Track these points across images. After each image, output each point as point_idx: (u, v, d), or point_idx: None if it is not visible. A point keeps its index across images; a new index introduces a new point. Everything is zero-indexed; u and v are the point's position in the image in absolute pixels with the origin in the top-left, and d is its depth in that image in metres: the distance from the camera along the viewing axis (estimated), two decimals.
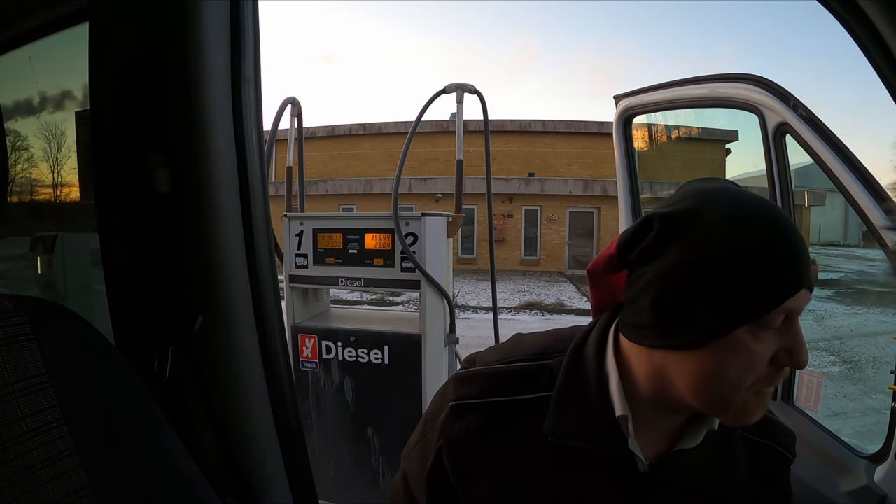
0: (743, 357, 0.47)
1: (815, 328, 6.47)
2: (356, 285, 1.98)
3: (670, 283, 0.48)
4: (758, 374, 0.47)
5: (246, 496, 0.59)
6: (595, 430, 0.54)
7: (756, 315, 0.46)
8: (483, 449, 0.57)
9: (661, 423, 0.55)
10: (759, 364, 0.47)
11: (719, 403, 0.49)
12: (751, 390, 0.48)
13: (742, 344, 0.47)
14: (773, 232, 0.47)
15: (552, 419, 0.55)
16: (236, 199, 0.59)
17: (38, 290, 1.17)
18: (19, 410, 0.42)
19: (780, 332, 0.47)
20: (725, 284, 0.46)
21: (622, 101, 1.79)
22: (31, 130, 1.17)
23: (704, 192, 0.51)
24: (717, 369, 0.48)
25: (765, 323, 0.46)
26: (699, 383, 0.49)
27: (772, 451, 0.59)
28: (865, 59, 0.66)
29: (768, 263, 0.46)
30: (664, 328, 0.49)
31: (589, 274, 0.58)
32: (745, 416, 0.50)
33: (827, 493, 1.05)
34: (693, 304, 0.47)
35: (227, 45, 0.57)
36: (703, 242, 0.47)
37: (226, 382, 0.59)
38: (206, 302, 0.57)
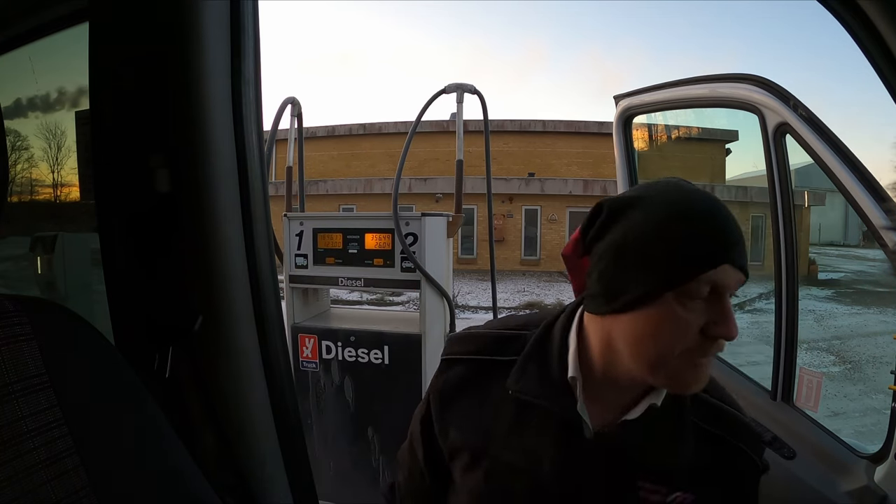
0: (671, 322, 0.53)
1: (815, 328, 6.47)
2: (356, 285, 1.98)
3: (612, 255, 0.56)
4: (687, 341, 0.53)
5: (246, 496, 0.59)
6: (550, 390, 0.61)
7: (678, 281, 0.53)
8: (461, 399, 0.66)
9: (612, 397, 0.61)
10: (687, 331, 0.53)
11: (653, 365, 0.55)
12: (683, 358, 0.54)
13: (670, 310, 0.53)
14: (698, 213, 0.54)
15: (515, 377, 0.63)
16: (236, 199, 0.58)
17: (38, 290, 1.17)
18: (19, 410, 0.42)
19: (708, 304, 0.53)
20: (652, 254, 0.53)
21: (622, 101, 1.79)
22: (31, 130, 1.17)
23: (651, 184, 0.60)
24: (649, 331, 0.54)
25: (690, 292, 0.53)
26: (635, 343, 0.56)
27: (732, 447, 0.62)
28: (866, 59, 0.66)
29: (689, 238, 0.53)
30: (607, 295, 0.57)
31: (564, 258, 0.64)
32: (681, 384, 0.55)
33: (827, 493, 1.05)
34: (628, 272, 0.55)
35: (227, 45, 0.57)
36: (639, 220, 0.55)
37: (226, 382, 0.59)
38: (206, 302, 0.57)
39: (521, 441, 0.62)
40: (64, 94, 1.09)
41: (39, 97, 1.10)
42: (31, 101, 1.11)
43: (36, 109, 1.12)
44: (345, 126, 17.09)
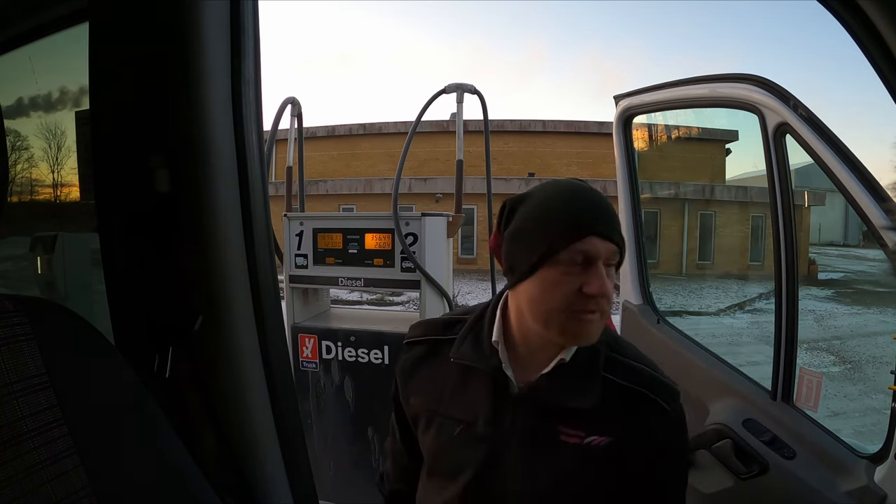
0: (553, 285, 0.67)
1: (815, 328, 6.47)
2: (356, 285, 1.98)
3: (510, 239, 0.72)
4: (569, 299, 0.66)
5: (246, 496, 0.59)
6: (481, 354, 0.74)
7: (554, 252, 0.67)
8: (417, 372, 0.81)
9: (530, 357, 0.74)
10: (567, 291, 0.66)
11: (545, 321, 0.69)
12: (569, 314, 0.67)
13: (553, 275, 0.67)
14: (567, 199, 0.69)
15: (456, 347, 0.77)
16: (236, 199, 0.58)
17: (38, 290, 1.17)
18: (19, 410, 0.42)
19: (583, 269, 0.66)
20: (534, 234, 0.68)
21: (622, 101, 1.79)
22: (31, 130, 1.17)
23: (545, 183, 0.75)
24: (538, 294, 0.68)
25: (566, 260, 0.66)
26: (531, 305, 0.70)
27: (645, 398, 0.72)
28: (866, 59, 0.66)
29: (558, 217, 0.67)
30: (510, 270, 0.72)
31: (491, 250, 0.78)
32: (570, 336, 0.69)
33: (827, 493, 1.05)
34: (521, 251, 0.69)
35: (227, 45, 0.57)
36: (525, 210, 0.71)
37: (226, 382, 0.59)
38: (206, 302, 0.57)
39: (462, 399, 0.75)
40: (64, 94, 1.09)
41: (39, 97, 1.10)
42: (31, 101, 1.11)
43: (36, 109, 1.12)
44: (345, 126, 17.09)
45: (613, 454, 0.71)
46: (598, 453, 0.70)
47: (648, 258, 1.88)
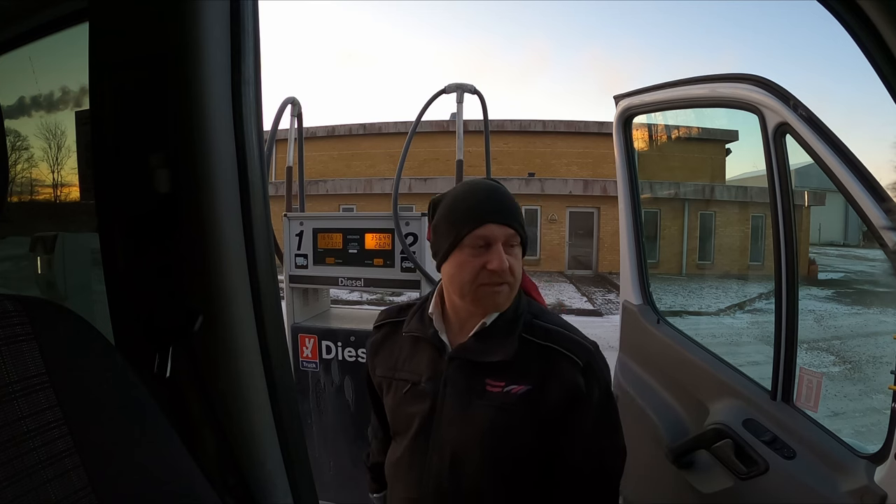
0: (464, 264, 0.83)
1: (815, 328, 6.47)
2: (356, 285, 1.98)
3: (433, 231, 0.90)
4: (476, 275, 0.83)
5: (246, 496, 0.59)
6: (423, 326, 0.91)
7: (460, 238, 0.83)
8: (381, 349, 0.97)
9: (463, 326, 0.90)
10: (474, 268, 0.83)
11: (461, 293, 0.86)
12: (479, 287, 0.83)
13: (462, 257, 0.84)
14: (468, 195, 0.86)
15: (406, 323, 0.94)
16: (236, 199, 0.58)
17: (38, 290, 1.16)
18: (19, 410, 0.42)
19: (486, 251, 0.83)
20: (446, 225, 0.86)
21: (622, 101, 1.79)
22: (31, 130, 1.17)
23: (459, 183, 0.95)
24: (453, 271, 0.85)
25: (470, 243, 0.83)
26: (451, 281, 0.87)
27: (558, 353, 0.85)
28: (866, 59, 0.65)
29: (461, 210, 0.85)
30: (435, 255, 0.90)
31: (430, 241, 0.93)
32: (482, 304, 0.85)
33: (827, 493, 1.05)
34: (440, 239, 0.87)
35: (227, 45, 0.57)
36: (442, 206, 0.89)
37: (226, 382, 0.59)
38: (206, 302, 0.57)
39: (411, 364, 0.91)
40: (64, 94, 1.09)
41: (39, 97, 1.10)
42: (31, 101, 1.11)
43: (36, 109, 1.12)
44: (345, 126, 17.08)
45: (530, 400, 0.83)
46: (516, 399, 0.84)
47: (648, 258, 1.88)
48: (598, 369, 0.86)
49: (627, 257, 1.83)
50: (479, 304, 0.85)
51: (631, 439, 0.93)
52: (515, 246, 0.85)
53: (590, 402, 0.84)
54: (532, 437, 0.84)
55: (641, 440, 1.64)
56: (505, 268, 0.82)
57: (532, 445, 0.85)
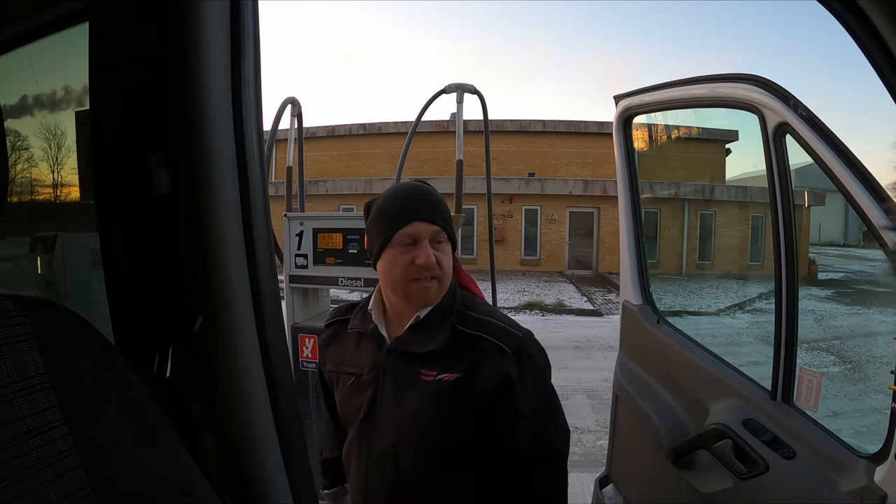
0: (395, 261, 0.90)
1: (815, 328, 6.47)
2: (356, 285, 1.98)
3: (367, 232, 0.97)
4: (406, 270, 0.89)
5: (246, 496, 0.58)
6: (365, 322, 0.98)
7: (388, 237, 0.90)
8: (331, 345, 1.04)
9: (400, 320, 0.96)
10: (403, 264, 0.89)
11: (393, 289, 0.92)
12: (409, 282, 0.89)
13: (393, 255, 0.90)
14: (395, 197, 0.93)
15: (351, 320, 1.01)
16: (236, 199, 0.58)
17: (38, 290, 1.16)
18: (19, 410, 0.42)
19: (414, 248, 0.89)
20: (377, 226, 0.93)
21: (622, 101, 1.79)
22: (31, 130, 1.17)
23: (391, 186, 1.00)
24: (387, 269, 0.91)
25: (398, 241, 0.89)
26: (384, 278, 0.94)
27: (486, 341, 0.90)
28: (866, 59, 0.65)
29: (388, 211, 0.92)
30: (369, 255, 0.97)
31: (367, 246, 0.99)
32: (412, 299, 0.91)
33: (827, 493, 1.05)
34: (372, 238, 0.94)
35: (227, 45, 0.57)
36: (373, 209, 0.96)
37: (226, 382, 0.59)
38: (206, 302, 0.57)
39: (356, 357, 0.97)
40: (64, 94, 1.09)
41: (39, 97, 1.10)
42: (31, 101, 1.11)
43: (36, 109, 1.12)
44: (345, 126, 17.08)
45: (461, 388, 0.88)
46: (448, 387, 0.88)
47: (648, 258, 1.88)
48: (529, 355, 0.91)
49: (627, 257, 1.83)
50: (411, 298, 0.91)
51: (631, 439, 0.93)
52: (443, 242, 0.91)
53: (523, 387, 0.88)
54: (467, 423, 0.88)
55: (641, 440, 1.64)
56: (431, 262, 0.88)
57: (467, 432, 0.89)
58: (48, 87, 1.09)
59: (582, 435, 4.13)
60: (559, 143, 16.19)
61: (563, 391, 4.99)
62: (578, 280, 13.08)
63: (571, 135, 16.14)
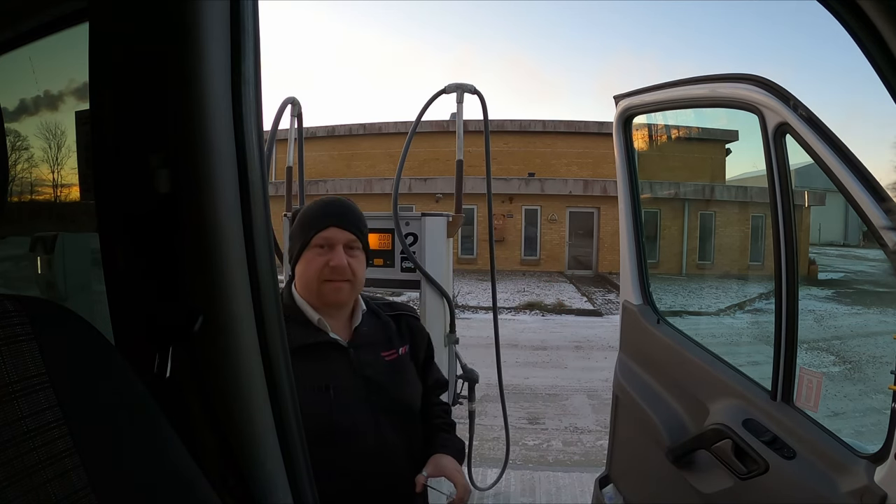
0: (310, 262, 1.01)
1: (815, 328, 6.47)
2: None
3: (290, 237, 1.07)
4: (321, 271, 1.00)
5: (246, 496, 0.58)
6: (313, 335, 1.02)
7: (306, 241, 1.01)
8: None
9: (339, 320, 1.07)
10: (318, 266, 1.00)
11: (308, 289, 1.03)
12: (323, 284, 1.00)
13: (309, 256, 1.01)
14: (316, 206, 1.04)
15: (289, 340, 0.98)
16: (236, 199, 0.58)
17: (38, 290, 1.16)
18: (19, 410, 0.42)
19: (329, 251, 1.00)
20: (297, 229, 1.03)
21: (622, 101, 1.79)
22: (31, 130, 1.17)
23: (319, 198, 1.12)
24: (303, 270, 1.02)
25: (315, 244, 1.01)
26: (300, 279, 1.04)
27: (406, 316, 1.17)
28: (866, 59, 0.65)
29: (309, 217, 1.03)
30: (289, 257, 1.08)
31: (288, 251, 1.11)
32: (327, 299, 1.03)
33: (827, 493, 1.05)
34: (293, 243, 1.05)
35: (227, 45, 0.57)
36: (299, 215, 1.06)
37: (226, 382, 0.59)
38: (206, 302, 0.57)
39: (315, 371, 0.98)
40: (64, 94, 1.09)
41: (39, 97, 1.10)
42: (31, 101, 1.11)
43: (36, 109, 1.12)
44: (345, 126, 17.09)
45: (411, 353, 1.13)
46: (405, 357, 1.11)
47: (648, 258, 1.88)
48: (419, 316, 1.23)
49: (627, 257, 1.83)
50: (323, 298, 1.02)
51: (631, 439, 0.93)
52: (356, 249, 1.04)
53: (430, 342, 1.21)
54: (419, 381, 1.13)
55: (641, 440, 1.64)
56: (343, 265, 0.99)
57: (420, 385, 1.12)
58: (48, 87, 1.09)
59: (582, 435, 4.12)
60: (559, 143, 16.20)
61: (563, 391, 4.99)
62: (578, 280, 13.08)
63: (571, 135, 16.14)
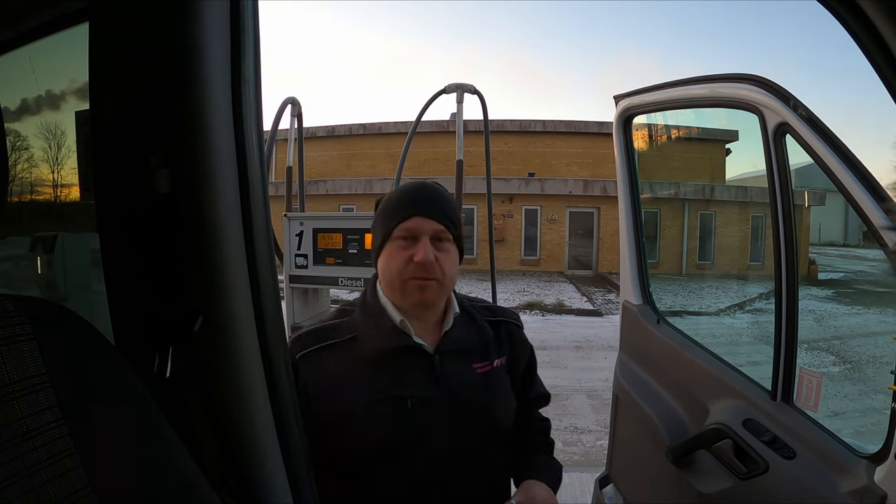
0: (393, 256, 0.86)
1: (815, 328, 6.47)
2: (356, 285, 1.98)
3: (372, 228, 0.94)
4: (404, 266, 0.85)
5: (246, 496, 0.58)
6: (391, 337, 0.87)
7: (388, 232, 0.87)
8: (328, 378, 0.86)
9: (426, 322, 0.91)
10: (401, 261, 0.85)
11: (392, 286, 0.87)
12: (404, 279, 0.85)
13: (392, 249, 0.87)
14: (401, 193, 0.90)
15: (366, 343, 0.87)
16: (236, 199, 0.58)
17: (38, 290, 1.16)
18: (19, 410, 0.42)
19: (413, 244, 0.85)
20: (379, 219, 0.90)
21: (622, 101, 1.79)
22: (31, 130, 1.17)
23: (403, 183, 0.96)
24: (386, 265, 0.87)
25: (398, 236, 0.86)
26: (383, 275, 0.89)
27: (507, 322, 1.00)
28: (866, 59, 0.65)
29: (392, 206, 0.89)
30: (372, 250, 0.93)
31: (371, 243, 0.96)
32: (410, 298, 0.86)
33: (827, 493, 1.05)
34: (375, 234, 0.91)
35: (227, 45, 0.57)
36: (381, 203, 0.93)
37: (226, 382, 0.59)
38: (206, 302, 0.57)
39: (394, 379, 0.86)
40: (64, 94, 1.09)
41: (39, 97, 1.10)
42: (31, 101, 1.11)
43: (36, 109, 1.12)
44: (345, 126, 17.08)
45: (509, 366, 0.98)
46: (501, 370, 0.96)
47: (648, 258, 1.88)
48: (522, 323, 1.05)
49: (627, 257, 1.83)
50: (407, 297, 0.87)
51: (631, 439, 0.94)
52: (446, 241, 0.87)
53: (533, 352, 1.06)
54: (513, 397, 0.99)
55: (641, 440, 1.64)
56: (429, 260, 0.83)
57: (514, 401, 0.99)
58: (48, 87, 1.09)
59: (582, 435, 4.12)
60: (559, 143, 16.19)
61: (563, 391, 4.99)
62: (578, 280, 13.08)
63: (571, 135, 16.14)
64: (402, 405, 0.85)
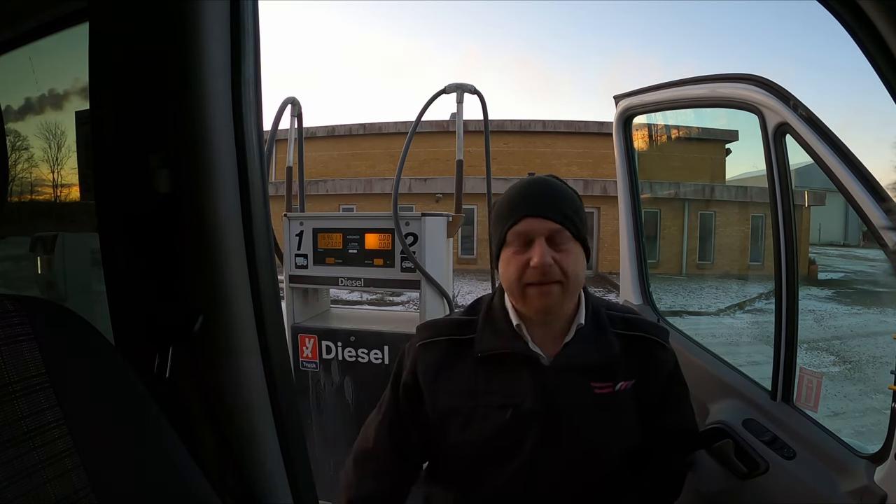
0: (509, 265, 0.80)
1: (815, 328, 6.47)
2: (356, 285, 1.98)
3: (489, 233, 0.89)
4: (521, 272, 0.78)
5: (246, 496, 0.58)
6: (504, 341, 0.83)
7: (501, 237, 0.82)
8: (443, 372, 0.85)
9: (546, 331, 0.84)
10: (518, 266, 0.79)
11: (511, 293, 0.82)
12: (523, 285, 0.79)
13: (507, 255, 0.81)
14: (513, 192, 0.84)
15: (479, 344, 0.84)
16: (236, 199, 0.58)
17: (38, 290, 1.16)
18: (19, 410, 0.42)
19: (529, 248, 0.79)
20: (494, 223, 0.85)
21: (622, 101, 1.78)
22: (31, 130, 1.17)
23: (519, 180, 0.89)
24: (504, 271, 0.82)
25: (512, 240, 0.80)
26: (503, 282, 0.83)
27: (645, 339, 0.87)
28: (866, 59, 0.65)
29: (503, 208, 0.83)
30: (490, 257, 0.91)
31: None
32: (530, 306, 0.80)
33: (827, 493, 1.05)
34: (491, 240, 0.87)
35: (227, 45, 0.57)
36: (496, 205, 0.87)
37: (226, 382, 0.59)
38: (206, 302, 0.57)
39: (500, 385, 0.82)
40: (64, 94, 1.09)
41: (39, 97, 1.10)
42: (31, 101, 1.11)
43: (36, 109, 1.12)
44: (345, 126, 17.07)
45: (637, 393, 0.84)
46: (626, 395, 0.83)
47: (648, 258, 1.88)
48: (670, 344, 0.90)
49: (627, 257, 1.83)
50: (527, 304, 0.80)
51: None
52: (565, 241, 0.79)
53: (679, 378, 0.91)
54: (641, 427, 0.85)
55: None
56: (545, 262, 0.76)
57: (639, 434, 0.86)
58: (48, 87, 1.09)
59: None
60: (559, 143, 16.18)
61: None
62: None
63: (571, 135, 16.13)
64: (500, 413, 0.81)
